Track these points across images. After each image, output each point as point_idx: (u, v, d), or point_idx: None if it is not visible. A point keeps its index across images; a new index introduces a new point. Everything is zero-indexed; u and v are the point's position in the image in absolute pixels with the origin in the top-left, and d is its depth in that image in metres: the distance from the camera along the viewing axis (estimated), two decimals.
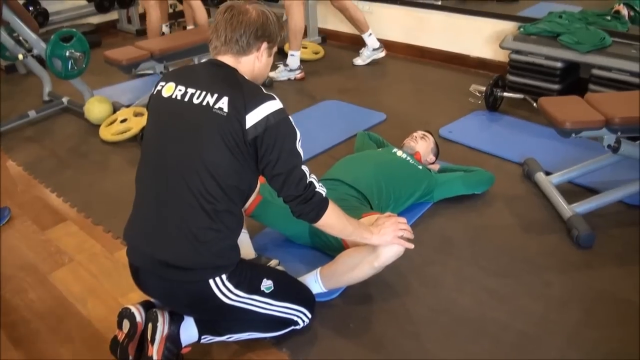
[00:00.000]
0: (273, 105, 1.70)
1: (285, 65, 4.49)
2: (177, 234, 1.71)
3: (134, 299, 2.05)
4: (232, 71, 1.77)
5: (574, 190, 2.82)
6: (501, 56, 4.27)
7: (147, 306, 1.90)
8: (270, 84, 4.34)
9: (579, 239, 2.44)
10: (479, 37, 4.49)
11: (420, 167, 2.71)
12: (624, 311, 2.11)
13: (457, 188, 2.75)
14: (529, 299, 2.17)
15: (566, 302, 2.16)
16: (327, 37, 5.44)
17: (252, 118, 1.67)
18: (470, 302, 2.16)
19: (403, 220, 2.00)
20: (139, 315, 1.86)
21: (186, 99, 1.73)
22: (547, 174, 2.89)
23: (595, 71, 3.56)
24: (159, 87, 1.83)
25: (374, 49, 4.79)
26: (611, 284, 2.24)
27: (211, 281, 1.73)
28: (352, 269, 2.03)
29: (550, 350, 1.95)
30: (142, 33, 5.81)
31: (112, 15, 6.00)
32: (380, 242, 1.94)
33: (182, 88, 1.76)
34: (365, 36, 4.75)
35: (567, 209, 2.59)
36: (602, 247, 2.45)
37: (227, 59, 1.79)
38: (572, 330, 2.02)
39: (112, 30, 6.01)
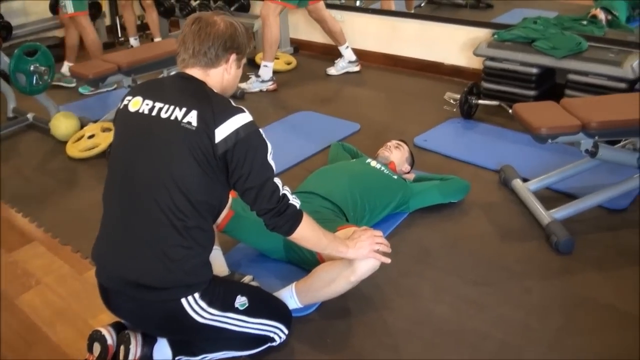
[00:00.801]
0: (243, 118, 1.71)
1: (257, 76, 4.50)
2: (147, 253, 1.70)
3: (104, 320, 2.02)
4: (201, 84, 1.78)
5: (552, 196, 2.86)
6: (476, 63, 4.33)
7: (118, 328, 1.88)
8: (241, 95, 4.34)
9: (558, 245, 2.47)
10: (453, 45, 4.54)
11: (395, 177, 2.73)
12: (605, 316, 2.14)
13: (433, 197, 2.78)
14: (509, 307, 2.19)
15: (547, 309, 2.18)
16: (299, 47, 5.46)
17: (222, 132, 1.67)
18: (449, 313, 2.17)
19: (379, 233, 2.01)
20: (110, 338, 1.84)
21: (154, 113, 1.73)
22: (524, 180, 2.92)
23: (571, 76, 3.61)
24: (125, 102, 1.82)
25: (350, 62, 4.82)
26: (592, 290, 2.27)
27: (183, 300, 1.72)
28: (328, 284, 2.03)
29: (532, 358, 1.97)
30: (109, 46, 5.79)
31: None
32: (356, 255, 1.95)
33: (150, 102, 1.76)
34: (342, 48, 4.79)
35: (545, 215, 2.62)
36: (582, 252, 2.48)
37: (195, 72, 1.79)
38: (553, 337, 2.04)
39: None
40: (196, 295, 1.73)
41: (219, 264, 2.21)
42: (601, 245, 2.53)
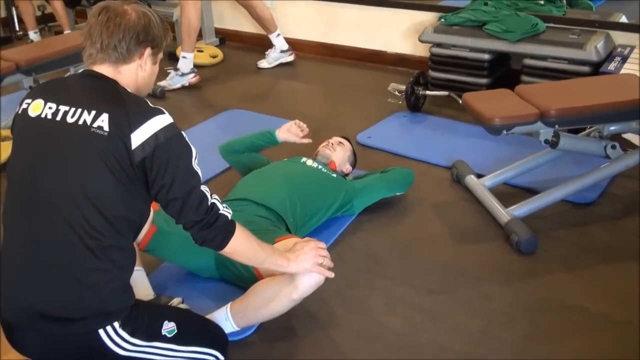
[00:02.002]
0: (162, 121, 1.68)
1: (176, 69, 4.45)
2: (57, 279, 1.65)
3: None
4: (112, 83, 1.74)
5: (511, 192, 2.91)
6: (422, 51, 4.39)
7: None
8: (162, 94, 4.29)
9: (519, 245, 2.51)
10: (396, 31, 4.60)
11: (335, 175, 2.76)
12: (575, 319, 2.19)
13: (377, 191, 2.80)
14: (468, 316, 2.22)
15: (510, 315, 2.22)
16: (225, 38, 5.44)
17: (139, 137, 1.64)
18: (403, 325, 2.19)
19: (323, 245, 2.02)
20: None
21: (58, 118, 1.69)
22: (479, 176, 2.97)
23: (527, 61, 3.69)
24: (24, 106, 1.77)
25: (282, 51, 4.83)
26: (559, 291, 2.32)
27: (101, 331, 1.68)
28: (268, 303, 2.02)
29: None
30: (5, 41, 5.64)
31: None
32: (298, 270, 1.94)
33: (53, 105, 1.71)
34: (272, 37, 4.79)
35: (504, 213, 2.66)
36: (547, 251, 2.53)
37: (105, 69, 1.75)
38: (519, 346, 2.08)
39: None
40: (116, 324, 1.69)
41: (142, 286, 2.17)
42: (567, 243, 2.59)
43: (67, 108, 1.69)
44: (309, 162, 2.78)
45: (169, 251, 2.34)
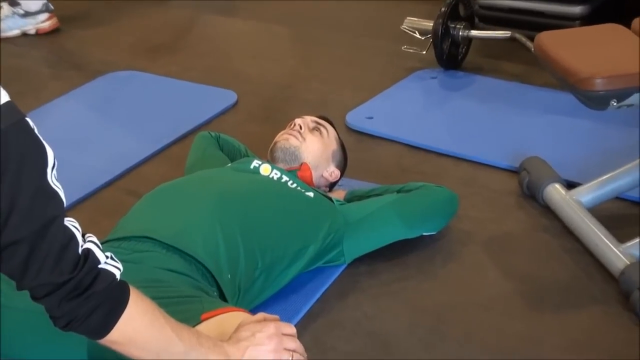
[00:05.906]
0: None
1: (15, 3, 4.49)
2: None
3: None
4: None
5: (629, 215, 2.95)
6: None
7: None
8: None
9: None
10: None
11: (311, 194, 2.74)
12: None
13: (389, 228, 2.80)
14: None
15: None
16: None
17: None
18: None
19: (289, 329, 2.04)
20: None
21: None
22: (570, 186, 2.99)
23: None
24: None
25: None
26: None
27: None
28: None
29: None
30: None
31: None
32: None
33: None
34: None
35: (617, 253, 2.66)
36: None
37: None
38: None
39: None
40: None
41: None
42: None
43: None
44: (265, 168, 2.77)
45: (7, 340, 2.31)
